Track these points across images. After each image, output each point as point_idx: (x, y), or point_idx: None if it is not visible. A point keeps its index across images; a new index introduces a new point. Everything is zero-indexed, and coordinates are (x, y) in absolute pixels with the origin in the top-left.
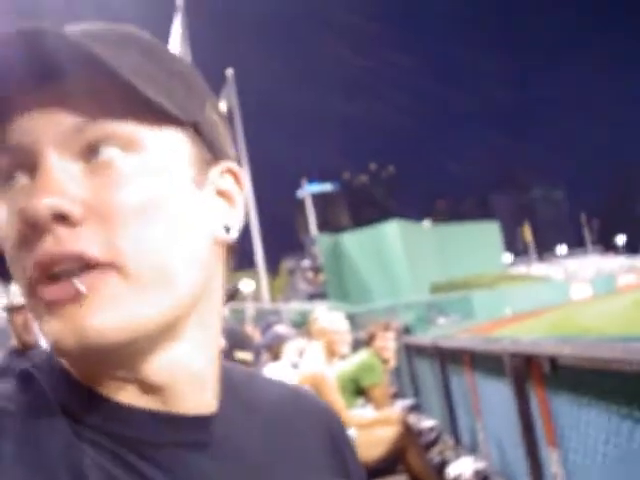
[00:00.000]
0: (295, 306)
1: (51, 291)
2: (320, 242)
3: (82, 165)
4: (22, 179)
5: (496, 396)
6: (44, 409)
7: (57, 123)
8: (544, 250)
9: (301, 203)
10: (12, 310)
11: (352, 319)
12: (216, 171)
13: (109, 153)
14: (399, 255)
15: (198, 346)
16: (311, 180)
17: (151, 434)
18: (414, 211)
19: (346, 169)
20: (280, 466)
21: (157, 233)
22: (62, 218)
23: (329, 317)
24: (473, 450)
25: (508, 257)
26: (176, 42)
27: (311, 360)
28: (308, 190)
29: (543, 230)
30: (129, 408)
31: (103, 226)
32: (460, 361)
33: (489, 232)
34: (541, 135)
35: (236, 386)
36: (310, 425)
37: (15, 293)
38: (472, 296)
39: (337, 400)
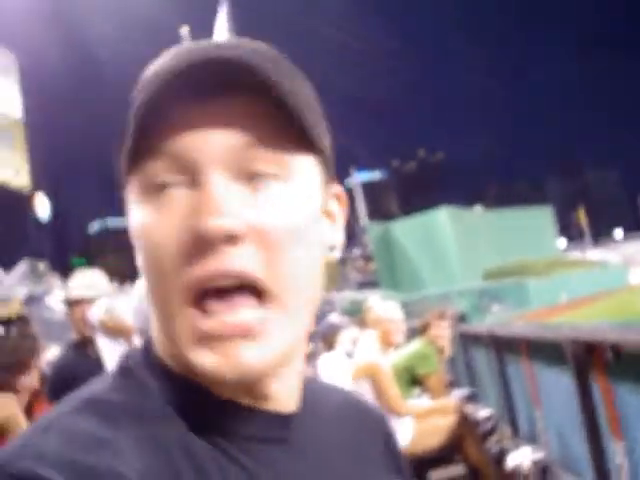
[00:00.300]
0: (347, 295)
1: (209, 323)
2: (370, 231)
3: (242, 185)
4: (178, 190)
5: (556, 385)
6: (154, 406)
7: (224, 142)
8: (599, 234)
9: (350, 192)
10: (71, 303)
11: (405, 307)
12: (329, 194)
13: (267, 177)
14: (450, 242)
15: (299, 353)
16: (360, 168)
17: (256, 430)
18: (465, 196)
19: (395, 156)
20: (348, 464)
21: (303, 260)
22: (231, 238)
23: (384, 306)
24: (532, 440)
25: (562, 242)
26: (222, 34)
27: (366, 349)
28: (357, 178)
29: (598, 214)
30: (234, 404)
31: (261, 248)
32: (517, 349)
33: (542, 217)
34: (595, 116)
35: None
36: (368, 428)
37: (74, 287)
38: (526, 283)
39: (393, 389)
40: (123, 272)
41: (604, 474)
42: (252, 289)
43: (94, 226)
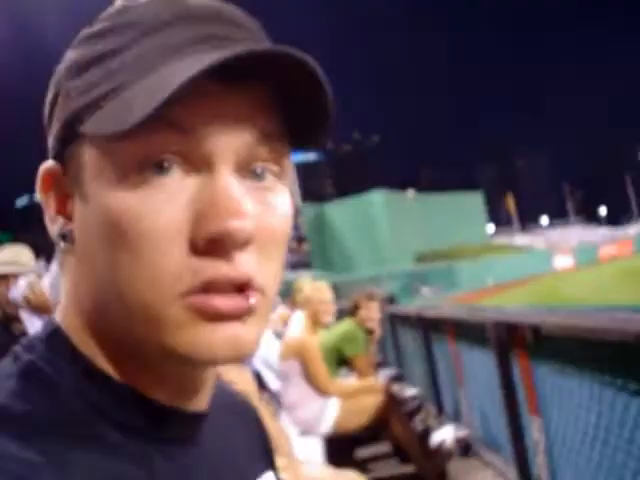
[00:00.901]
0: None
1: (224, 303)
2: (304, 212)
3: (248, 183)
4: (178, 174)
5: (479, 365)
6: (70, 414)
7: (241, 135)
8: (527, 221)
9: None
10: None
11: (336, 288)
12: None
13: (271, 176)
14: (383, 225)
15: None
16: (294, 149)
17: (177, 432)
18: (398, 180)
19: (330, 138)
20: (244, 461)
21: (283, 256)
22: (247, 241)
23: (314, 287)
24: (456, 418)
25: (491, 227)
26: None
27: (295, 329)
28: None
29: (526, 201)
30: (160, 405)
31: (259, 247)
32: (443, 330)
33: (473, 202)
34: (526, 105)
35: None
36: (251, 424)
37: None
38: (456, 266)
39: (321, 369)
40: (51, 248)
41: (522, 449)
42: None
43: (22, 200)
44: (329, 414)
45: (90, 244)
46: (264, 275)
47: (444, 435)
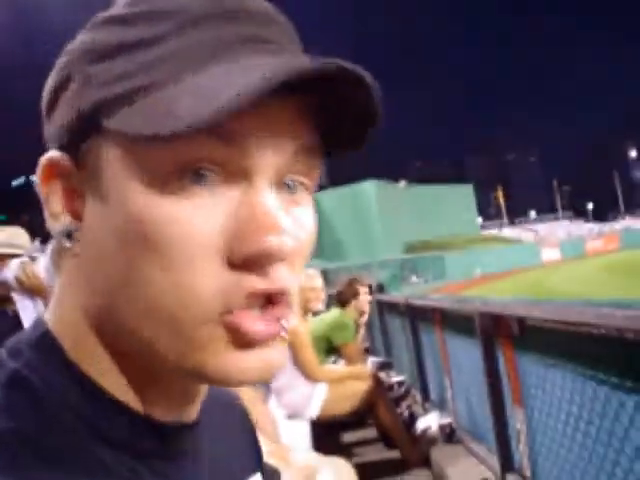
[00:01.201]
0: None
1: (260, 331)
2: None
3: (283, 196)
4: (215, 183)
5: (465, 354)
6: (61, 434)
7: (282, 146)
8: (515, 214)
9: None
10: None
11: (326, 276)
12: None
13: (302, 189)
14: (374, 214)
15: None
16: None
17: (170, 447)
18: (390, 171)
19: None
20: (237, 467)
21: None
22: (285, 257)
23: (305, 274)
24: (441, 406)
25: (480, 220)
26: None
27: None
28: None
29: (515, 195)
30: (152, 419)
31: (290, 264)
32: (431, 319)
33: (463, 195)
34: (518, 100)
35: None
36: (239, 422)
37: None
38: (444, 257)
39: (310, 355)
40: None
41: (505, 438)
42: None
43: (18, 181)
44: (317, 399)
45: (107, 250)
46: (293, 289)
47: (429, 422)
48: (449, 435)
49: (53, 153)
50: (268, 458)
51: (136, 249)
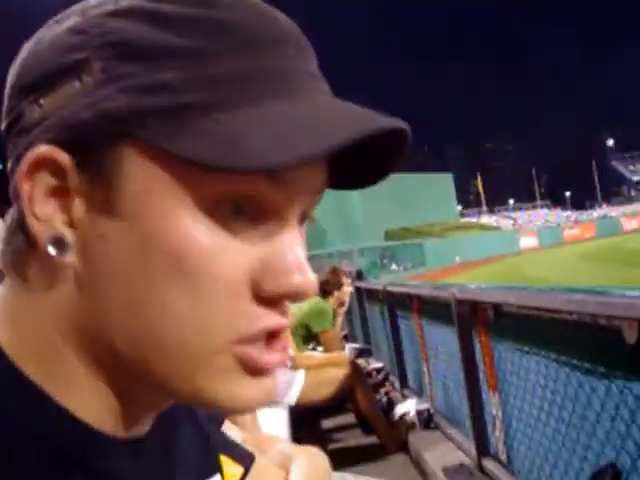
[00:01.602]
0: None
1: (273, 359)
2: None
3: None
4: (249, 214)
5: (442, 341)
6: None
7: (314, 186)
8: (495, 203)
9: None
10: None
11: (308, 262)
12: None
13: (307, 221)
14: (355, 201)
15: None
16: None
17: (125, 463)
18: None
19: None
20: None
21: None
22: None
23: None
24: (419, 392)
25: (460, 208)
26: None
27: None
28: None
29: (494, 183)
30: (112, 438)
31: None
32: (409, 306)
33: (443, 183)
34: (496, 88)
35: None
36: (192, 426)
37: None
38: (424, 244)
39: (288, 341)
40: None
41: (481, 424)
42: None
43: None
44: (295, 385)
45: (121, 267)
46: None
47: (407, 408)
48: (427, 421)
49: (49, 149)
50: (244, 444)
51: (161, 273)
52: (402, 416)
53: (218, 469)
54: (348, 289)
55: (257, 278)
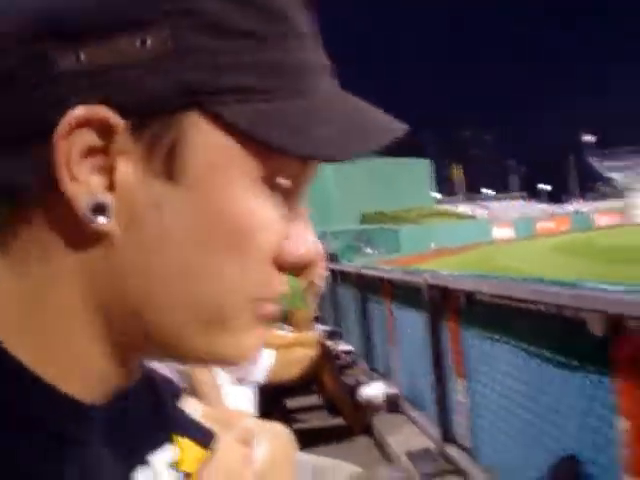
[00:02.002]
0: None
1: (273, 309)
2: None
3: None
4: (279, 195)
5: (412, 326)
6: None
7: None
8: (470, 192)
9: None
10: None
11: None
12: None
13: None
14: (330, 185)
15: None
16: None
17: (95, 430)
18: None
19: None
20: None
21: None
22: None
23: None
24: (386, 376)
25: (436, 195)
26: None
27: None
28: None
29: (470, 172)
30: (86, 405)
31: None
32: (380, 290)
33: (419, 169)
34: (475, 76)
35: None
36: (147, 394)
37: None
38: (399, 229)
39: None
40: None
41: (446, 409)
42: None
43: None
44: (263, 364)
45: (175, 236)
46: None
47: (373, 390)
48: (392, 404)
49: (97, 106)
50: (205, 421)
51: (222, 244)
52: (368, 399)
53: (172, 441)
54: (319, 270)
55: (280, 249)
